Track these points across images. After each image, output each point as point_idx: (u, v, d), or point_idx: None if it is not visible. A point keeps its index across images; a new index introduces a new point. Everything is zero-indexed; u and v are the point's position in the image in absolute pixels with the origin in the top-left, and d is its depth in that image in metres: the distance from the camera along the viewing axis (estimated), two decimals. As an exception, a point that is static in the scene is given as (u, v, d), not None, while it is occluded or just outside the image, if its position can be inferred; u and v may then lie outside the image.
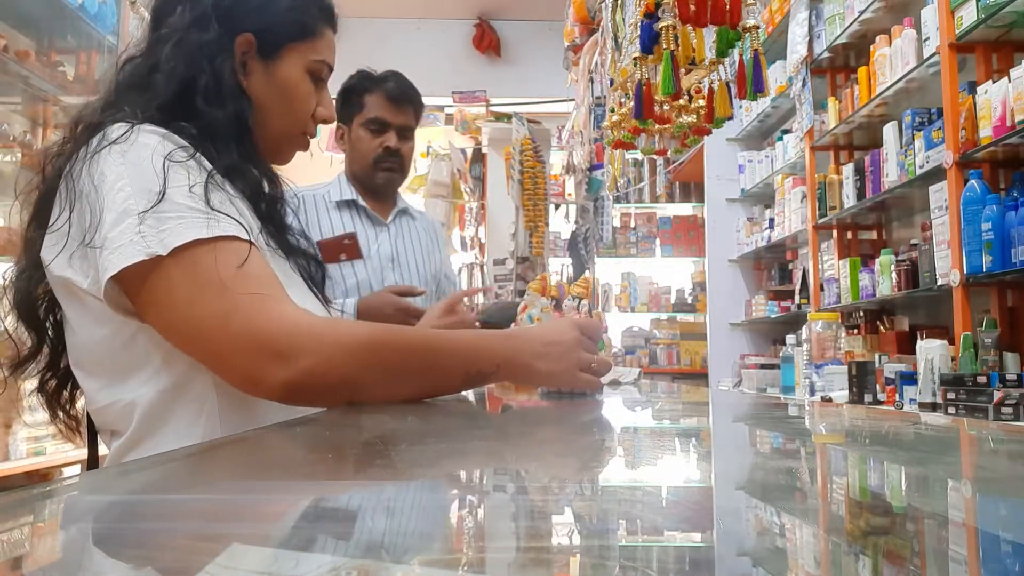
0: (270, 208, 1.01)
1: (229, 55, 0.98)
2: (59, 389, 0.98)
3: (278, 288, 0.86)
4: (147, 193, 0.82)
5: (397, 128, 2.08)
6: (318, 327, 0.85)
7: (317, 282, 1.07)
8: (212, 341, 0.83)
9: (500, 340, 0.99)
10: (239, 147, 0.96)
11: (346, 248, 2.01)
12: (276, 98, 1.03)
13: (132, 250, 0.80)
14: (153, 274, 0.81)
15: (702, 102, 1.79)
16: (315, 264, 1.08)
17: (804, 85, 3.94)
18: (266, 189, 1.01)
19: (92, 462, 1.08)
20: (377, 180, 2.08)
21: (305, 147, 1.11)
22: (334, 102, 2.06)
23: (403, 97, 2.09)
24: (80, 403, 1.00)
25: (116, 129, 0.87)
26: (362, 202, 2.09)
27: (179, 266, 0.81)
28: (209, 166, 0.89)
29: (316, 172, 2.62)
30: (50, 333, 0.95)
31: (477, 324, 1.82)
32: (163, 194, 0.82)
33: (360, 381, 0.86)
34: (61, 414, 0.99)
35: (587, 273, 3.82)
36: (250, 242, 0.86)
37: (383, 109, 2.07)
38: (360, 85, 2.10)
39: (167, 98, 0.92)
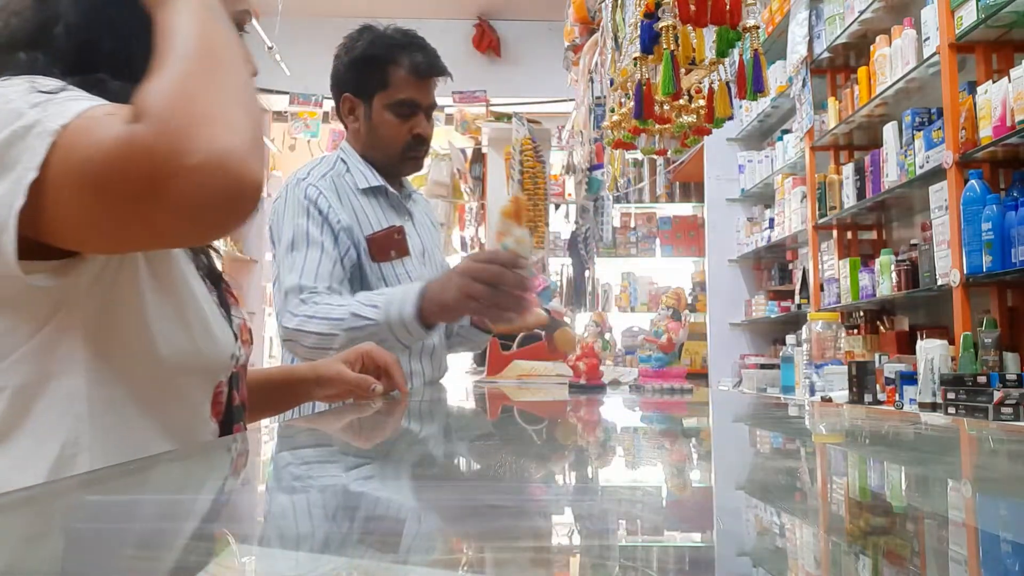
0: None
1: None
2: None
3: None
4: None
5: (425, 109, 1.78)
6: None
7: (215, 280, 0.90)
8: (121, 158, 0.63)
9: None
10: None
11: (396, 244, 1.72)
12: None
13: (37, 141, 0.64)
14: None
15: (702, 102, 1.79)
16: (209, 257, 0.92)
17: (804, 85, 3.94)
18: None
19: None
20: (405, 170, 1.83)
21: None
22: (343, 68, 1.73)
23: (433, 71, 1.76)
24: None
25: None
26: (392, 189, 1.78)
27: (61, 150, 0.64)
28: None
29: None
30: None
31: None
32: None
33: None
34: None
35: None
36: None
37: (412, 89, 1.74)
38: (386, 55, 1.73)
39: (72, 50, 0.77)
